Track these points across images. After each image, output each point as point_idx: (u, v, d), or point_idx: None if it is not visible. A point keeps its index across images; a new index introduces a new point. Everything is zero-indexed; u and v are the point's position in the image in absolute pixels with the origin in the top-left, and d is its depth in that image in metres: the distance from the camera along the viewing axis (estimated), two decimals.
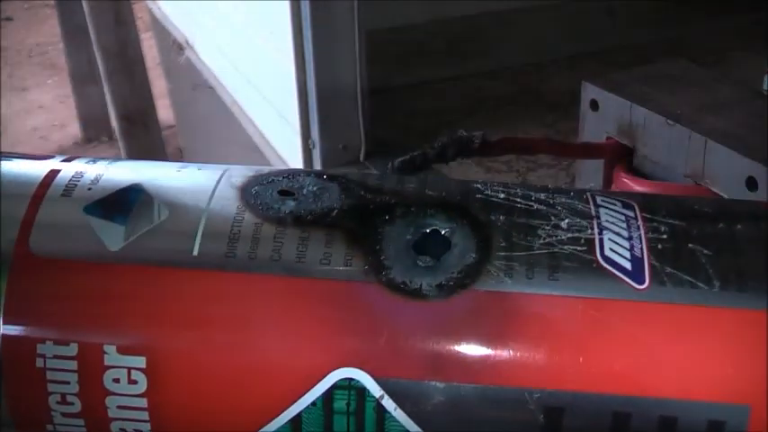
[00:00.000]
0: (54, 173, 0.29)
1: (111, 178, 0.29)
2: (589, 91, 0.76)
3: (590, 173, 0.80)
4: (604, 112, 0.75)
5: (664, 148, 0.70)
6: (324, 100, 1.02)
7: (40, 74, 3.61)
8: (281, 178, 0.29)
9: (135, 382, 0.26)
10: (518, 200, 0.28)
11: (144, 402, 0.26)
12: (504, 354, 0.26)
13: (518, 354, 0.26)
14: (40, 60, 3.74)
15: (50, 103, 3.34)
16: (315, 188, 0.28)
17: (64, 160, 0.30)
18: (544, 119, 1.20)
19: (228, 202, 0.28)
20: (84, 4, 2.10)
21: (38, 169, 0.29)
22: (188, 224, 0.28)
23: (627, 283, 0.26)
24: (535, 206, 0.28)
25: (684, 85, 0.76)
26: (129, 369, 0.26)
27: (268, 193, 0.28)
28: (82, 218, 0.28)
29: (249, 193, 0.28)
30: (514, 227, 0.27)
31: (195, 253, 0.27)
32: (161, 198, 0.28)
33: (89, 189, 0.29)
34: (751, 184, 0.61)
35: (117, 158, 0.31)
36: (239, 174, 0.30)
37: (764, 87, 0.74)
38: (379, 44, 1.16)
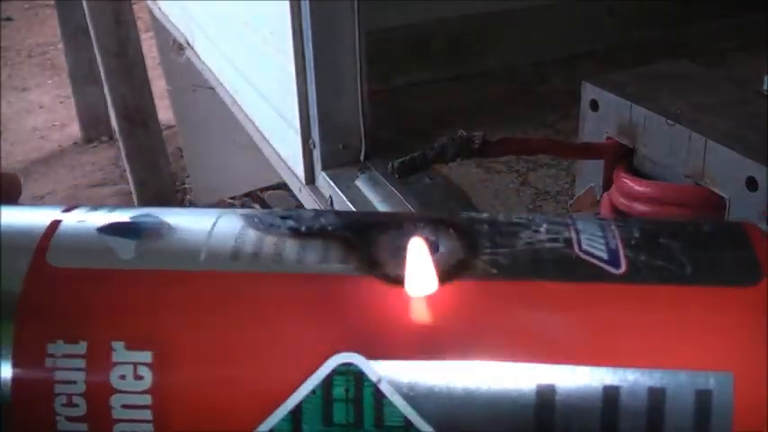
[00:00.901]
0: (56, 223, 0.31)
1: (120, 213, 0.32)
2: (589, 91, 0.76)
3: (590, 173, 0.80)
4: (604, 112, 0.75)
5: (664, 148, 0.70)
6: (324, 100, 1.02)
7: (40, 74, 3.61)
8: (281, 210, 0.32)
9: (141, 378, 0.27)
10: (499, 217, 0.31)
11: (148, 399, 0.27)
12: (493, 332, 0.27)
13: (508, 332, 0.27)
14: (40, 60, 3.74)
15: (50, 103, 3.35)
16: (312, 214, 0.31)
17: (65, 210, 0.32)
18: (544, 119, 1.20)
19: (232, 223, 0.31)
20: (85, 4, 2.10)
21: (40, 220, 0.31)
22: (194, 239, 0.30)
23: (605, 269, 0.28)
24: (515, 219, 0.31)
25: (684, 85, 0.76)
26: (136, 365, 0.27)
27: (269, 216, 0.31)
28: (95, 238, 0.30)
29: (251, 218, 0.31)
30: (497, 233, 0.30)
31: (202, 259, 0.29)
32: (169, 220, 0.31)
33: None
34: (751, 184, 0.61)
35: (117, 206, 0.33)
36: (243, 209, 0.33)
37: (764, 87, 0.74)
38: (379, 44, 1.16)
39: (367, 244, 0.29)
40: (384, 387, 0.27)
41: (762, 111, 0.70)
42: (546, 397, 0.27)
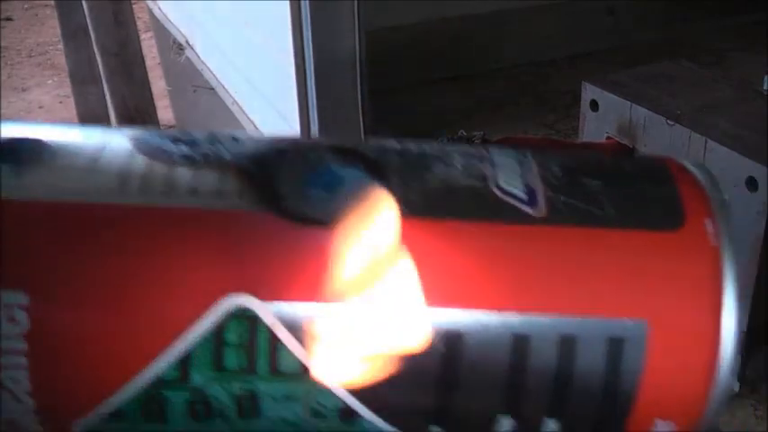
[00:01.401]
0: None
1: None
2: (589, 91, 0.76)
3: None
4: (604, 112, 0.75)
5: (664, 148, 0.70)
6: (324, 100, 1.02)
7: (40, 74, 3.61)
8: (175, 132, 0.29)
9: (15, 321, 0.25)
10: (411, 147, 0.29)
11: (23, 344, 0.25)
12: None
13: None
14: (40, 60, 3.74)
15: (50, 103, 3.35)
16: (209, 139, 0.28)
17: None
18: (544, 119, 1.21)
19: (121, 148, 0.28)
20: (84, 4, 2.10)
21: None
22: (78, 166, 0.27)
23: (523, 210, 0.26)
24: (428, 151, 0.29)
25: (684, 85, 0.76)
26: (10, 306, 0.25)
27: (160, 139, 0.28)
28: None
29: (141, 142, 0.28)
30: (409, 165, 0.28)
31: (83, 187, 0.26)
32: (53, 143, 0.27)
33: None
34: (751, 184, 0.61)
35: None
36: (137, 131, 0.29)
37: (764, 87, 0.74)
38: (379, 44, 1.16)
39: (267, 176, 0.27)
40: (279, 332, 0.25)
41: (762, 111, 0.70)
42: (452, 344, 0.25)
